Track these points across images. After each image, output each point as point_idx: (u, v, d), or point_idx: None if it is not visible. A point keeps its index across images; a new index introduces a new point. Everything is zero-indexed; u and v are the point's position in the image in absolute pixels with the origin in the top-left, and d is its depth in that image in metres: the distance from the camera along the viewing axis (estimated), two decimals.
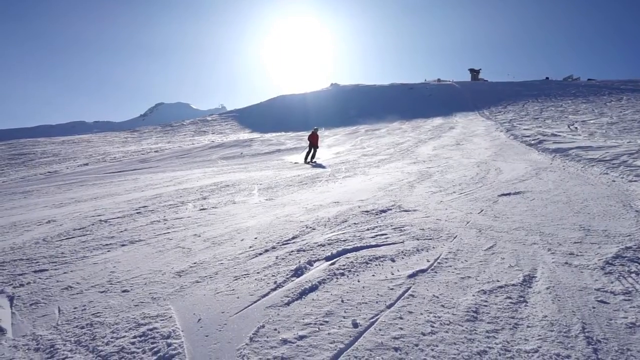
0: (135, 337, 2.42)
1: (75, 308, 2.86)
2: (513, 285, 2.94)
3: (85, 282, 3.33)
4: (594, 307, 2.59)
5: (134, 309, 2.80)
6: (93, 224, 5.20)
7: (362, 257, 3.56)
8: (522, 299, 2.74)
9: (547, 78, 54.05)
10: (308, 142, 14.80)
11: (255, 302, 2.80)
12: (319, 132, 15.67)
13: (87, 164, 15.17)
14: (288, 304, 2.75)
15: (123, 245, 4.30)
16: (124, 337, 2.43)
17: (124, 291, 3.11)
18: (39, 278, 3.45)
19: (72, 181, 10.67)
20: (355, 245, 3.86)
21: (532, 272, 3.18)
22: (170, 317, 2.65)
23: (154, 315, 2.68)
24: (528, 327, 2.39)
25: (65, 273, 3.54)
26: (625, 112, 18.99)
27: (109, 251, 4.11)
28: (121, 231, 4.84)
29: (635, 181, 6.50)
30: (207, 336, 2.41)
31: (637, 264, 3.24)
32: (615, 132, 12.77)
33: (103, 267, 3.65)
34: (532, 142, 12.60)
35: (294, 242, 4.10)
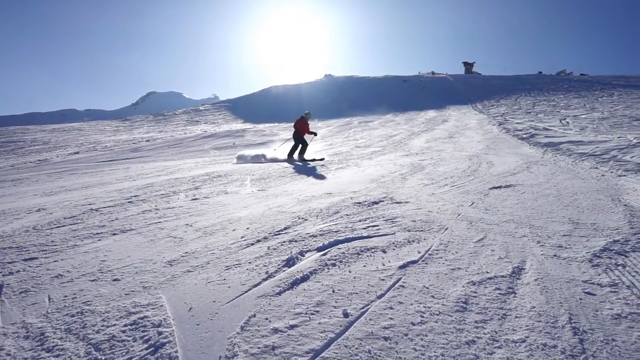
0: (126, 325, 2.42)
1: (65, 296, 2.85)
2: (502, 276, 2.98)
3: (75, 270, 3.31)
4: (581, 299, 2.63)
5: (124, 297, 2.79)
6: (84, 213, 5.17)
7: (353, 248, 3.58)
8: (510, 290, 2.77)
9: (540, 72, 54.25)
10: (293, 130, 11.83)
11: (246, 291, 2.81)
12: (310, 121, 12.36)
13: (77, 153, 15.03)
14: (279, 293, 2.76)
15: (114, 234, 4.28)
16: (115, 325, 2.43)
17: (114, 280, 3.10)
18: (29, 266, 3.43)
19: (62, 169, 10.57)
20: (347, 236, 3.88)
21: (521, 264, 3.21)
22: (161, 305, 2.65)
23: (145, 304, 2.67)
24: (516, 317, 2.42)
25: (55, 261, 3.52)
26: (617, 107, 19.13)
27: (99, 240, 4.09)
28: (112, 220, 4.82)
29: (624, 176, 6.57)
30: (198, 325, 2.41)
31: (623, 257, 3.29)
32: (606, 127, 12.87)
33: (94, 255, 3.64)
34: (524, 135, 12.67)
35: (286, 233, 4.11)
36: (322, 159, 11.02)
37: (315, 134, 12.71)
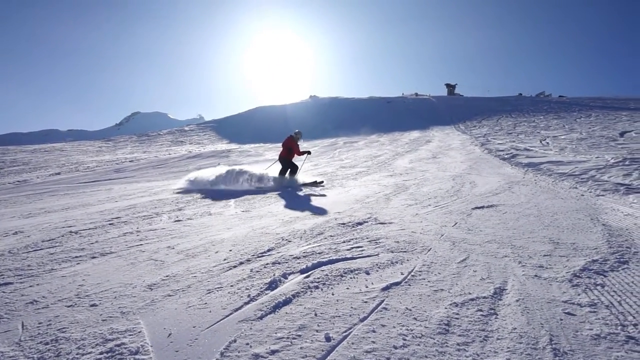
0: (101, 353, 2.35)
1: (40, 323, 2.77)
2: (484, 297, 2.99)
3: (51, 296, 3.22)
4: (561, 319, 2.65)
5: (101, 323, 2.72)
6: (63, 236, 5.06)
7: (337, 269, 3.56)
8: (492, 311, 2.78)
9: (520, 94, 55.63)
10: (281, 149, 10.49)
11: (227, 316, 2.76)
12: (300, 141, 10.90)
13: (59, 174, 14.78)
14: (261, 317, 2.72)
15: (93, 257, 4.19)
16: (90, 353, 2.36)
17: (92, 305, 3.02)
18: (3, 292, 3.32)
19: (42, 191, 10.37)
20: (331, 258, 3.86)
21: (502, 284, 3.24)
22: (139, 332, 2.59)
23: (123, 330, 2.61)
24: (498, 339, 2.43)
25: (31, 287, 3.42)
26: (594, 128, 19.67)
27: (78, 264, 4.00)
28: (92, 243, 4.72)
29: (602, 195, 6.72)
30: (177, 351, 2.35)
31: (602, 277, 3.34)
32: (584, 147, 13.20)
33: (71, 280, 3.55)
34: (506, 156, 12.91)
35: (269, 255, 4.08)
36: (321, 182, 9.75)
37: (309, 153, 11.21)
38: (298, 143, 10.62)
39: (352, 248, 4.19)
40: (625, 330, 2.49)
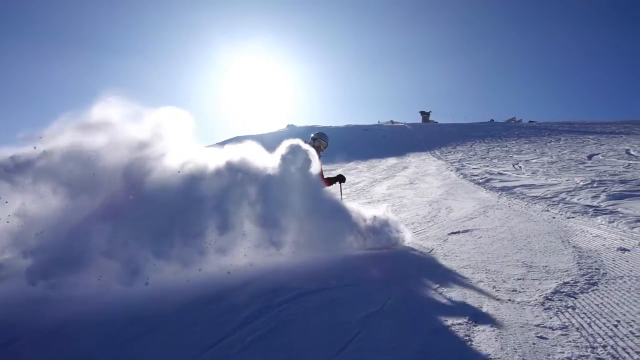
0: None
1: None
2: (459, 324, 3.02)
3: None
4: (534, 344, 2.70)
5: None
6: None
7: (315, 300, 3.56)
8: (467, 337, 2.81)
9: (491, 120, 57.41)
10: None
11: (200, 354, 2.71)
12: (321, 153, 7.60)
13: None
14: (235, 354, 2.68)
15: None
16: None
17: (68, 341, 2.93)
18: None
19: None
20: (309, 289, 3.85)
21: (477, 309, 3.28)
22: None
23: None
24: None
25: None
26: (564, 151, 20.37)
27: None
28: None
29: (572, 217, 6.91)
30: None
31: (573, 299, 3.42)
32: (555, 170, 13.62)
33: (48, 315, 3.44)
34: (480, 180, 13.17)
35: (247, 287, 4.03)
36: None
37: (343, 180, 7.78)
38: (319, 156, 7.11)
39: (331, 277, 4.19)
40: (595, 352, 2.55)
